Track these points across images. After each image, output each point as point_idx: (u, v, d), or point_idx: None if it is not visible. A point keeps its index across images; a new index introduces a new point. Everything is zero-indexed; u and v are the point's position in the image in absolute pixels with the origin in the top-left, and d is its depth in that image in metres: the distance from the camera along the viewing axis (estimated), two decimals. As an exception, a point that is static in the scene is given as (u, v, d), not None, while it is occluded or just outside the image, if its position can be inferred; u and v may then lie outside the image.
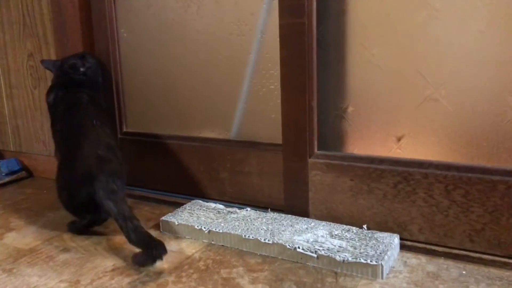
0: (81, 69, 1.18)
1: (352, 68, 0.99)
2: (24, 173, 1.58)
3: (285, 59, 1.03)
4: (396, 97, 0.95)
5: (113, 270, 0.91)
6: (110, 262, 0.95)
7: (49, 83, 1.39)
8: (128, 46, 1.34)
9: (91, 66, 1.20)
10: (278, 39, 1.03)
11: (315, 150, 1.04)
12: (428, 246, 0.92)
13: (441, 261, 0.89)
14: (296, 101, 1.03)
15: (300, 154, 1.05)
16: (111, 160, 1.03)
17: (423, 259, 0.90)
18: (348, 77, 1.00)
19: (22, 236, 1.09)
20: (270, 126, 1.12)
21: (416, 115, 0.94)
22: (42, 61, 1.26)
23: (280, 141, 1.08)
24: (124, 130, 1.39)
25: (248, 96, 1.16)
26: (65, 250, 1.01)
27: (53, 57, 1.44)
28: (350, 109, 1.01)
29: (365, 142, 1.00)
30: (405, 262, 0.90)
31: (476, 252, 0.88)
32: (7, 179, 1.51)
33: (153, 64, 1.31)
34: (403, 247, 0.94)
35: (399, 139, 0.96)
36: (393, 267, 0.87)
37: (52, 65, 1.23)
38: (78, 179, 1.02)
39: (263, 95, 1.13)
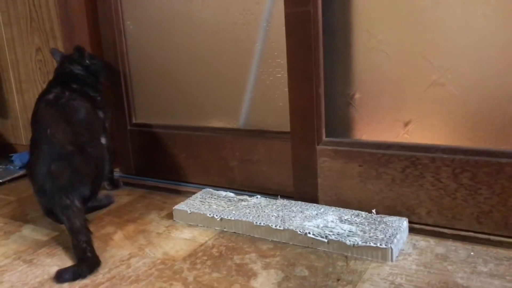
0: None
1: (358, 55, 1.00)
2: (37, 166, 1.60)
3: (292, 48, 1.03)
4: (403, 83, 0.96)
5: (129, 259, 0.94)
6: (126, 251, 0.97)
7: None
8: (135, 38, 1.36)
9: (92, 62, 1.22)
10: (284, 27, 1.03)
11: (323, 137, 1.05)
12: (436, 229, 0.94)
13: (450, 243, 0.91)
14: (303, 89, 1.04)
15: (308, 141, 1.06)
16: (63, 174, 1.02)
17: (431, 241, 0.92)
18: (355, 64, 1.01)
19: (40, 227, 1.13)
20: (277, 114, 1.14)
21: (423, 100, 0.94)
22: (53, 49, 1.28)
23: (288, 129, 1.09)
24: (133, 121, 1.41)
25: (255, 85, 1.17)
26: (82, 240, 1.04)
27: (60, 50, 1.45)
28: (357, 95, 1.02)
29: (373, 128, 1.02)
30: (414, 244, 0.91)
31: (484, 233, 0.90)
32: (21, 172, 1.54)
33: (159, 55, 1.32)
34: (412, 230, 0.96)
35: (406, 124, 0.97)
36: (403, 250, 0.89)
37: (59, 56, 1.25)
38: (38, 192, 1.06)
39: (270, 83, 1.14)
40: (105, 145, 1.19)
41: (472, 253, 0.86)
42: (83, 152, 1.07)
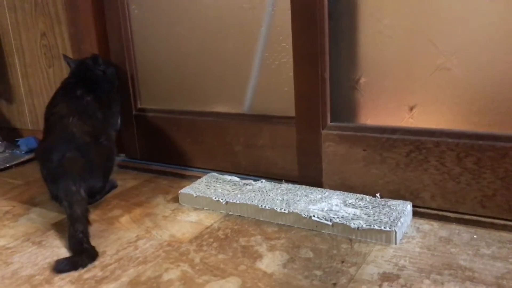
0: (102, 66, 1.24)
1: (364, 39, 1.00)
2: (43, 151, 1.62)
3: (297, 32, 1.03)
4: (408, 67, 0.96)
5: (136, 241, 0.96)
6: (133, 233, 0.99)
7: (63, 62, 1.42)
8: (140, 23, 1.35)
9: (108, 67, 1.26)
10: (290, 11, 1.03)
11: (328, 121, 1.06)
12: (440, 213, 0.95)
13: (453, 226, 0.92)
14: (308, 74, 1.04)
15: (313, 126, 1.06)
16: (77, 162, 1.05)
17: (435, 225, 0.93)
18: (360, 48, 1.01)
19: (47, 210, 1.14)
20: (282, 99, 1.14)
21: (428, 84, 0.95)
22: (64, 56, 1.31)
23: (293, 114, 1.09)
24: (139, 106, 1.42)
25: (260, 69, 1.17)
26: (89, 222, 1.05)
27: (65, 35, 1.46)
28: (362, 80, 1.02)
29: (378, 112, 1.02)
30: (418, 228, 0.92)
31: (488, 217, 0.91)
32: (27, 156, 1.56)
33: (164, 39, 1.32)
34: (415, 214, 0.97)
35: (411, 109, 0.98)
36: (406, 233, 0.90)
37: (71, 61, 1.28)
38: (47, 178, 1.08)
39: (275, 68, 1.14)
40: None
41: (475, 236, 0.87)
42: (97, 143, 1.11)
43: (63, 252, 0.92)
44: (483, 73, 0.89)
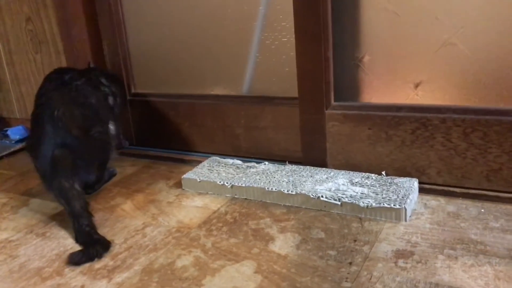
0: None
1: (368, 16, 0.98)
2: (34, 140, 1.57)
3: (299, 10, 1.01)
4: (413, 44, 0.95)
5: (143, 228, 0.94)
6: (139, 221, 0.97)
7: (52, 47, 1.37)
8: (132, 3, 1.31)
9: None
10: (290, -11, 1.01)
11: (332, 101, 1.05)
12: (446, 188, 0.96)
13: (460, 201, 0.93)
14: (311, 53, 1.02)
15: (317, 106, 1.05)
16: (66, 159, 0.99)
17: (442, 200, 0.94)
18: (364, 26, 0.99)
19: (47, 201, 1.11)
20: (284, 80, 1.12)
21: (434, 61, 0.94)
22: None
23: (295, 94, 1.08)
24: (133, 91, 1.38)
25: (260, 50, 1.15)
26: (92, 212, 1.02)
27: (53, 19, 1.40)
28: (366, 58, 1.01)
29: (383, 90, 1.01)
30: (425, 204, 0.93)
31: (494, 191, 0.92)
32: (17, 146, 1.51)
33: (158, 21, 1.28)
34: (421, 190, 0.97)
35: (416, 86, 0.97)
36: (415, 210, 0.91)
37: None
38: (40, 175, 1.03)
39: (275, 48, 1.12)
40: (113, 131, 1.16)
41: (482, 210, 0.89)
42: (88, 136, 1.04)
43: (70, 243, 0.90)
44: (489, 48, 0.89)
